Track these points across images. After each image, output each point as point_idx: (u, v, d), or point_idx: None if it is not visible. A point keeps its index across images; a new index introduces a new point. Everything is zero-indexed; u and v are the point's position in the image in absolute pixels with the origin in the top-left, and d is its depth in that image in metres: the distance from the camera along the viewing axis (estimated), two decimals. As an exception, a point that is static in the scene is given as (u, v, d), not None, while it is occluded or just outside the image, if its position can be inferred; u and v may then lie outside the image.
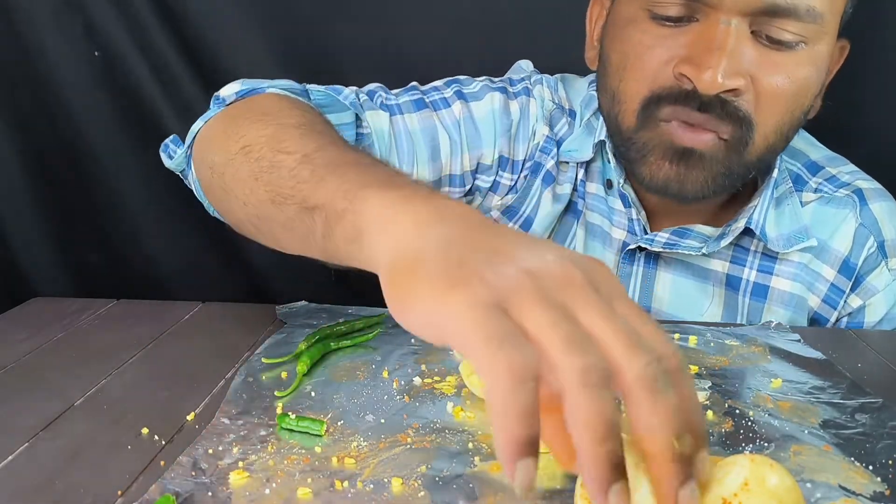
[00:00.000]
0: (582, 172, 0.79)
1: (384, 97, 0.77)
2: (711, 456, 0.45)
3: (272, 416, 0.50)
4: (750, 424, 0.50)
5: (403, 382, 0.55)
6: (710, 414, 0.51)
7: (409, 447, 0.46)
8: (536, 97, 0.81)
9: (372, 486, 0.42)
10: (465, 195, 0.81)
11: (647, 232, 0.76)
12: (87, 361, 0.60)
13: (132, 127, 1.06)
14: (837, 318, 0.75)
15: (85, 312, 0.70)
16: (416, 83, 0.82)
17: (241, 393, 0.53)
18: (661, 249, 0.74)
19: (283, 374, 0.56)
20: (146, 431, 0.48)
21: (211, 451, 0.45)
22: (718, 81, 0.62)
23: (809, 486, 0.42)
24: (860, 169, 0.79)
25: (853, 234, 0.74)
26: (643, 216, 0.77)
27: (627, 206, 0.77)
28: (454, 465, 0.44)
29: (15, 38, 1.02)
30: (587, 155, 0.77)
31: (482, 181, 0.80)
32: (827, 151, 0.80)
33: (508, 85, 0.82)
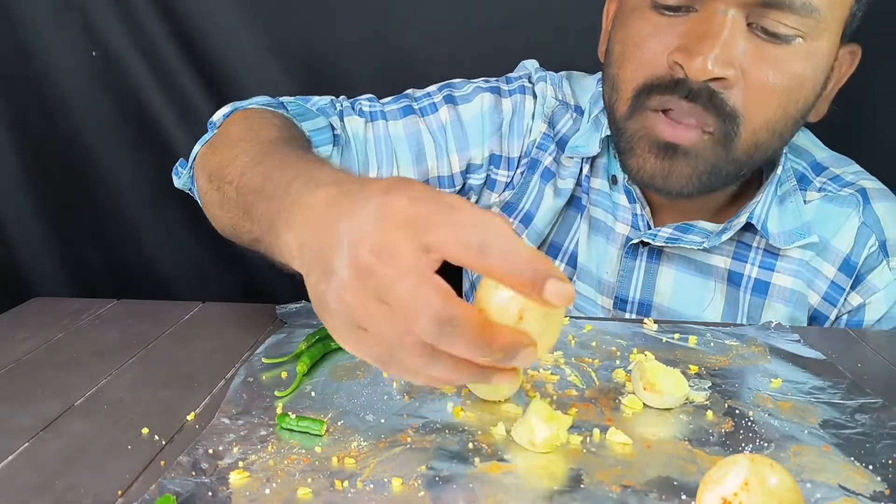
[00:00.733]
0: (587, 168, 0.81)
1: (367, 105, 0.81)
2: (711, 456, 0.45)
3: (272, 416, 0.50)
4: (750, 424, 0.50)
5: (403, 382, 0.55)
6: (710, 414, 0.51)
7: (409, 447, 0.46)
8: (538, 94, 0.83)
9: (372, 486, 0.42)
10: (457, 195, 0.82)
11: (650, 227, 0.77)
12: (87, 361, 0.60)
13: (131, 127, 1.06)
14: (837, 315, 0.76)
15: (85, 312, 0.70)
16: (410, 91, 0.85)
17: (241, 393, 0.53)
18: (663, 244, 0.75)
19: (283, 374, 0.56)
20: (146, 431, 0.48)
21: (211, 451, 0.45)
22: (708, 68, 0.63)
23: (809, 486, 0.42)
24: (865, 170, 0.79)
25: (855, 232, 0.74)
26: (647, 212, 0.77)
27: (632, 201, 0.77)
28: (454, 465, 0.44)
29: (15, 38, 1.02)
30: (594, 150, 0.79)
31: (474, 179, 0.84)
32: (833, 152, 0.81)
33: (504, 83, 0.84)
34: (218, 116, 0.72)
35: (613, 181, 0.79)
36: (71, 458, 0.46)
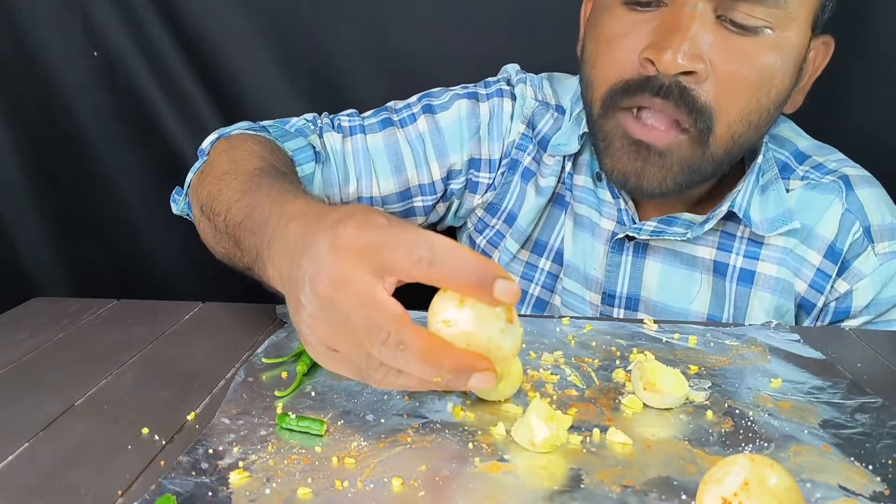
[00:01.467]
0: (570, 165, 0.81)
1: (347, 120, 0.83)
2: (711, 456, 0.45)
3: (272, 416, 0.50)
4: (750, 424, 0.50)
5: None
6: (710, 414, 0.51)
7: (409, 447, 0.46)
8: (518, 96, 0.85)
9: (372, 486, 0.42)
10: (439, 201, 0.86)
11: (635, 222, 0.78)
12: (87, 361, 0.60)
13: (132, 126, 1.06)
14: (825, 303, 0.76)
15: (85, 312, 0.70)
16: (391, 103, 0.87)
17: (241, 393, 0.53)
18: (648, 238, 0.75)
19: (283, 374, 0.56)
20: (146, 431, 0.48)
21: (211, 451, 0.45)
22: (678, 62, 0.63)
23: (809, 486, 0.42)
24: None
25: (839, 219, 0.74)
26: (631, 206, 0.78)
27: (616, 196, 0.78)
28: (454, 465, 0.44)
29: (15, 37, 1.02)
30: (574, 147, 0.79)
31: (455, 184, 0.85)
32: (815, 141, 0.81)
33: (482, 88, 0.86)
34: (206, 144, 0.75)
35: (598, 178, 0.80)
36: (71, 458, 0.45)
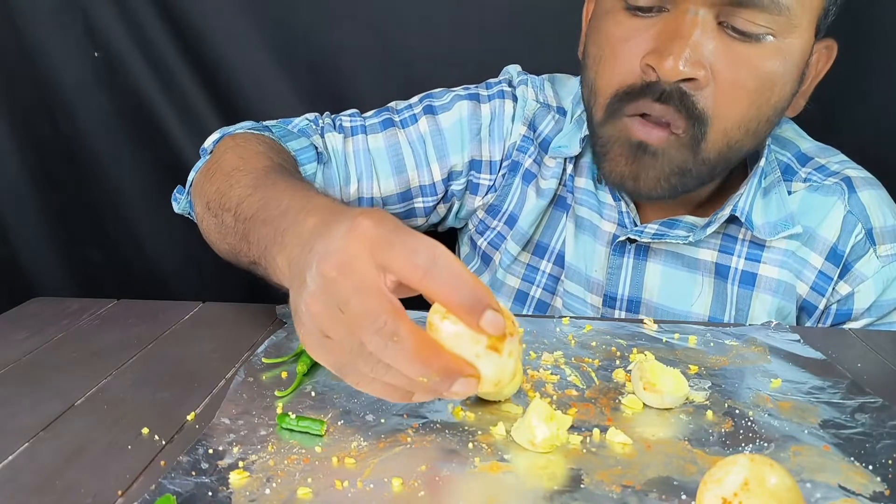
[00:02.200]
0: (571, 167, 0.81)
1: (348, 120, 0.83)
2: (711, 456, 0.45)
3: (272, 416, 0.50)
4: (750, 424, 0.50)
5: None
6: (709, 414, 0.51)
7: (409, 447, 0.46)
8: (519, 97, 0.84)
9: (372, 486, 0.42)
10: (440, 202, 0.86)
11: (636, 224, 0.78)
12: (87, 361, 0.60)
13: (132, 127, 1.06)
14: (826, 305, 0.75)
15: (85, 312, 0.70)
16: (392, 104, 0.86)
17: (241, 393, 0.53)
18: (650, 240, 0.75)
19: (283, 374, 0.56)
20: (146, 431, 0.48)
21: (211, 451, 0.45)
22: (679, 69, 0.63)
23: (809, 486, 0.42)
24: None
25: (841, 221, 0.74)
26: (633, 209, 0.78)
27: (617, 199, 0.78)
28: (454, 465, 0.44)
29: (15, 37, 1.02)
30: (575, 150, 0.79)
31: (456, 186, 0.85)
32: (818, 143, 0.81)
33: (484, 89, 0.86)
34: (209, 143, 0.75)
35: (599, 180, 0.79)
36: (71, 458, 0.45)
